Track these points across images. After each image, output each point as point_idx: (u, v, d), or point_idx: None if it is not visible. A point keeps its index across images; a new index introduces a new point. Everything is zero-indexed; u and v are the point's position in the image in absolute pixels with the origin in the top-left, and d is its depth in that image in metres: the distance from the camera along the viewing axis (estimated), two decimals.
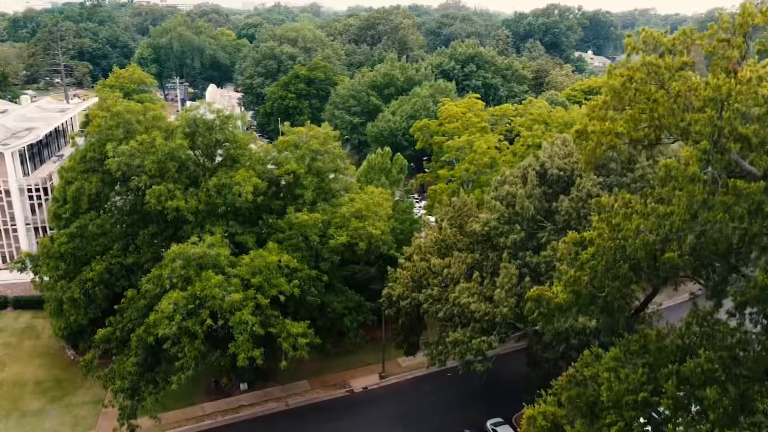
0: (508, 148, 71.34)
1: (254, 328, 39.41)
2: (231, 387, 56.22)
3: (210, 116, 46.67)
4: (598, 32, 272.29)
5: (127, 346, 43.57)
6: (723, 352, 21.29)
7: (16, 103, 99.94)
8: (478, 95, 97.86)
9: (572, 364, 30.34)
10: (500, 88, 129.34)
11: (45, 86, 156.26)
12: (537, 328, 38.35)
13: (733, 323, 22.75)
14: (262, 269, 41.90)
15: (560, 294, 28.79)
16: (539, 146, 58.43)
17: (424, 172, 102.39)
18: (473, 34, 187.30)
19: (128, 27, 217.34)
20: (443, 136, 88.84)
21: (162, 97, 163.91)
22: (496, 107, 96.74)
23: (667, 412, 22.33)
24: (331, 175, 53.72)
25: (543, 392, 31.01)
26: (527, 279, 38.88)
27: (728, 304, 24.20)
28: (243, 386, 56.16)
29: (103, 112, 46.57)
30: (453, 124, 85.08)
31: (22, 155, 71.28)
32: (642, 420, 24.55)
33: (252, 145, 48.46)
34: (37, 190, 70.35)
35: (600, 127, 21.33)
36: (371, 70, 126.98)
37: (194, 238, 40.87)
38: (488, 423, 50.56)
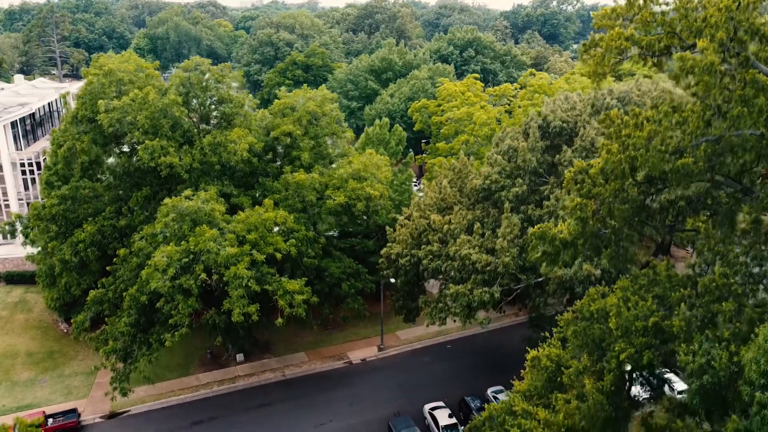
0: (509, 119, 70.35)
1: (249, 284, 38.34)
2: (227, 358, 55.16)
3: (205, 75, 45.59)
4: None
5: (120, 308, 42.53)
6: (738, 267, 20.30)
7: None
8: (477, 75, 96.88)
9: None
10: (499, 74, 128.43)
11: (41, 74, 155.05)
12: (540, 279, 37.40)
13: (746, 242, 21.76)
14: (258, 226, 40.82)
15: (565, 230, 27.81)
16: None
17: (423, 154, 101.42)
18: (471, 25, 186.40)
19: (125, 19, 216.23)
20: (442, 115, 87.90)
21: None
22: (496, 87, 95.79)
23: (681, 335, 21.31)
24: (329, 141, 52.77)
25: (546, 335, 30.06)
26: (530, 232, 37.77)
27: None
28: (239, 357, 55.08)
29: (96, 70, 45.49)
30: (452, 103, 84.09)
31: (15, 131, 70.23)
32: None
33: (246, 106, 47.33)
34: (30, 164, 69.26)
35: (609, 34, 20.33)
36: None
37: (188, 192, 39.78)
38: (489, 391, 49.53)
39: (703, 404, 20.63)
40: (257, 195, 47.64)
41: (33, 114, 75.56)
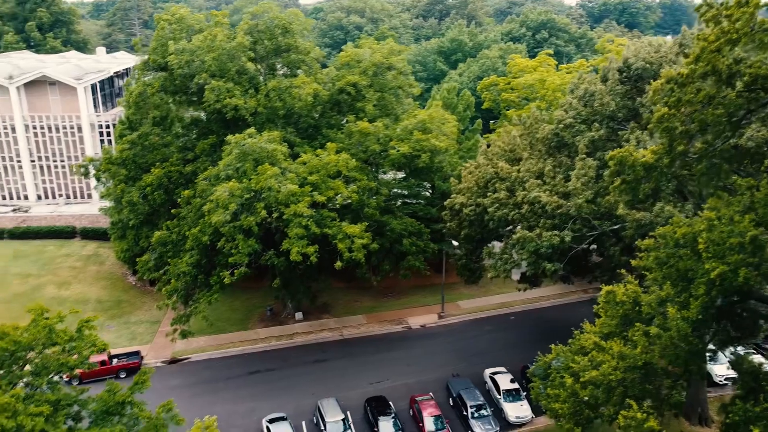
0: None
1: (309, 224, 37.61)
2: (286, 316, 55.04)
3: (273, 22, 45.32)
4: (678, 18, 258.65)
5: (183, 250, 42.83)
6: None
7: None
8: (551, 51, 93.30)
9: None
10: (573, 57, 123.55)
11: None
12: (616, 227, 34.75)
13: None
14: (320, 169, 40.09)
15: (648, 153, 25.37)
16: None
17: (491, 133, 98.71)
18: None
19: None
20: (512, 92, 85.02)
21: None
22: (570, 64, 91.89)
23: None
24: (394, 98, 51.48)
25: (623, 271, 27.60)
26: (605, 178, 35.10)
27: None
28: (298, 316, 54.84)
29: (167, 16, 46.16)
30: (524, 78, 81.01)
31: (95, 96, 72.97)
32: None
33: (312, 54, 46.75)
34: (108, 127, 71.73)
35: None
36: None
37: (251, 130, 39.47)
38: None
39: None
40: (319, 146, 46.98)
41: (112, 80, 78.42)
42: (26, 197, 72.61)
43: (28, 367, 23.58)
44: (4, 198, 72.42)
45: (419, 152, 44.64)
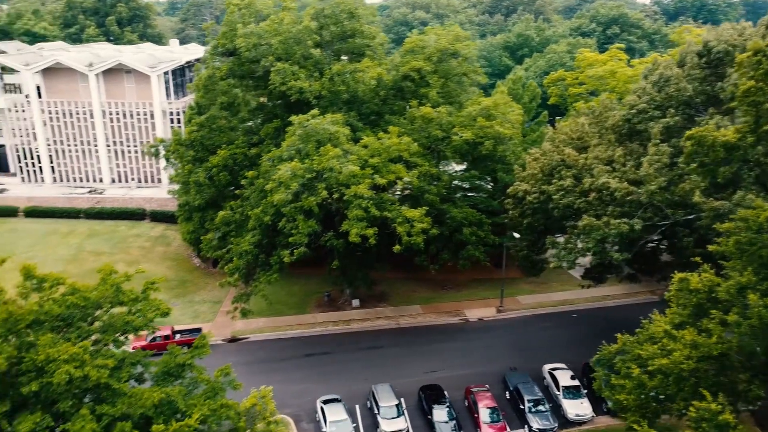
0: None
1: (369, 206, 37.51)
2: (343, 302, 55.30)
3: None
4: (762, 15, 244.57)
5: (245, 229, 43.63)
6: None
7: None
8: (622, 46, 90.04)
9: None
10: (646, 54, 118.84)
11: None
12: (691, 217, 32.90)
13: None
14: (381, 152, 39.93)
15: (729, 132, 23.80)
16: None
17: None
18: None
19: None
20: (580, 86, 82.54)
21: None
22: (642, 59, 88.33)
23: None
24: (458, 86, 50.75)
25: (698, 259, 26.01)
26: (680, 165, 33.29)
27: None
28: (355, 303, 55.02)
29: (237, 0, 47.15)
30: (593, 69, 78.49)
31: (167, 84, 75.61)
32: None
33: (377, 38, 46.70)
34: (178, 114, 74.14)
35: None
36: None
37: (315, 112, 39.75)
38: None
39: None
40: (382, 132, 46.90)
41: (183, 71, 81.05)
42: (101, 180, 76.07)
43: (96, 325, 24.52)
44: (81, 180, 76.16)
45: (482, 139, 43.80)
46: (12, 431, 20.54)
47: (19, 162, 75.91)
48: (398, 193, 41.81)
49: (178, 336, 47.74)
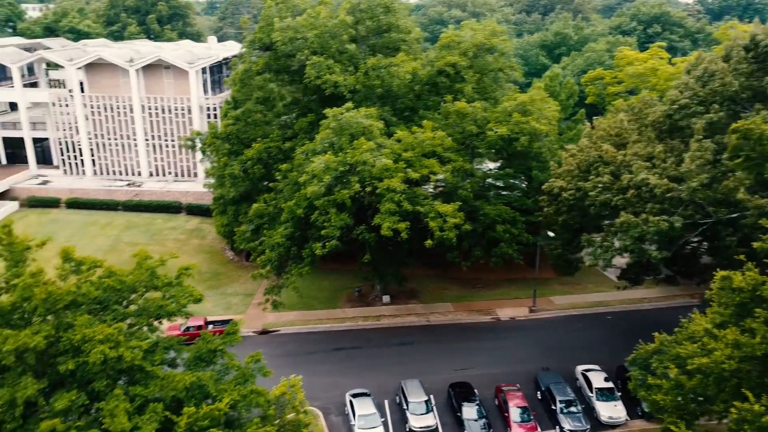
0: None
1: (401, 200, 37.35)
2: (374, 298, 55.27)
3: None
4: None
5: (278, 222, 43.93)
6: None
7: None
8: (664, 44, 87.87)
9: None
10: (689, 53, 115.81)
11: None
12: (735, 216, 31.80)
13: None
14: (415, 146, 39.72)
15: None
16: None
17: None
18: None
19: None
20: (619, 84, 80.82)
21: None
22: (684, 57, 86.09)
23: None
24: (493, 82, 50.19)
25: (742, 257, 25.08)
26: (724, 161, 32.21)
27: None
28: (385, 299, 54.92)
29: None
30: (633, 67, 76.69)
31: (204, 80, 76.78)
32: None
33: (413, 33, 46.51)
34: (215, 110, 75.21)
35: None
36: None
37: (349, 105, 39.78)
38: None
39: None
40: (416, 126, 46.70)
41: (220, 68, 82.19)
42: (139, 173, 77.66)
43: (131, 308, 24.97)
44: (120, 173, 77.88)
45: (518, 135, 43.23)
46: (49, 408, 21.05)
47: (62, 155, 78.05)
48: (431, 189, 41.53)
49: (210, 327, 48.32)
